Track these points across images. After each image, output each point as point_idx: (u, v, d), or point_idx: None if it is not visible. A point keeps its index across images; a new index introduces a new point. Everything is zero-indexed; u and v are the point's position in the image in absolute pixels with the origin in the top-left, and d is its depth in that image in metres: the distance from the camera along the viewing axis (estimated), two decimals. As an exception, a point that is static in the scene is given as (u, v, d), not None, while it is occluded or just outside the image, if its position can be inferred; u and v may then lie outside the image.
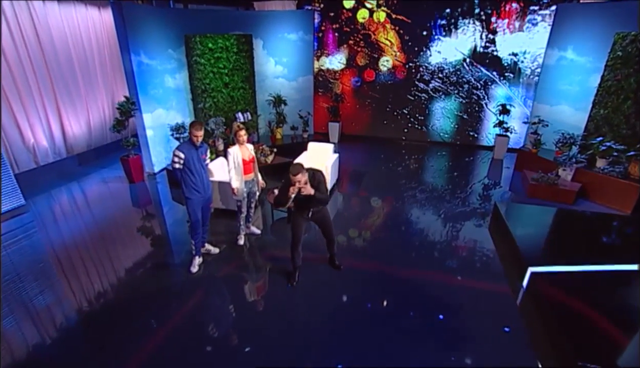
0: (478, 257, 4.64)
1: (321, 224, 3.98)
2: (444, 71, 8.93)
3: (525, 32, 8.06)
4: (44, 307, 3.77)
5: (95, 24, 7.90)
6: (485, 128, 9.16)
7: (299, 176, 3.35)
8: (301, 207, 3.74)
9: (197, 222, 4.28)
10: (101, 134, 8.30)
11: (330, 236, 4.11)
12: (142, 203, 6.49)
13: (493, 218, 5.50)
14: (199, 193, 4.17)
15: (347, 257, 4.55)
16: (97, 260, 4.67)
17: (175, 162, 4.00)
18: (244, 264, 4.60)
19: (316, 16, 9.12)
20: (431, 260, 4.58)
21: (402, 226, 5.40)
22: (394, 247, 4.85)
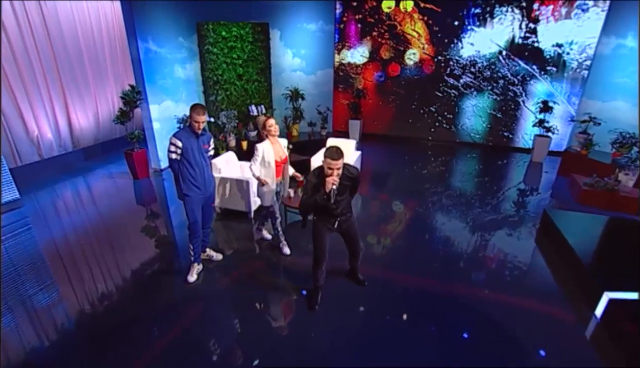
0: (522, 273, 3.85)
1: (347, 235, 3.22)
2: (476, 65, 8.12)
3: (573, 19, 7.17)
4: (17, 311, 3.25)
5: (107, 15, 7.57)
6: (522, 128, 8.26)
7: (341, 161, 2.58)
8: (326, 214, 2.96)
9: (196, 223, 3.69)
10: (109, 128, 7.94)
11: (356, 250, 3.35)
12: (145, 200, 5.99)
13: (542, 228, 4.68)
14: (198, 190, 3.58)
15: (368, 266, 3.85)
16: (84, 263, 4.15)
17: (171, 151, 3.42)
18: (251, 274, 3.95)
19: (338, 6, 8.51)
20: (469, 273, 3.82)
21: (427, 233, 4.65)
22: (425, 258, 4.11)
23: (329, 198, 2.69)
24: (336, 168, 2.57)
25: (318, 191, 2.75)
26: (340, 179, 2.71)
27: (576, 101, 7.58)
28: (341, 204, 2.90)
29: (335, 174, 2.59)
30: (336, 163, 2.55)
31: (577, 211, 4.99)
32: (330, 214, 2.95)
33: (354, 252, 3.39)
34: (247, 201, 5.00)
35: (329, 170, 2.59)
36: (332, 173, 2.59)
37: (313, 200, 2.75)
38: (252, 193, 4.96)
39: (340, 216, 2.96)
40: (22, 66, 6.11)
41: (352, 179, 2.80)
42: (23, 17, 6.00)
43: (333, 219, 2.98)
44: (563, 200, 5.70)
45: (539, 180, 6.74)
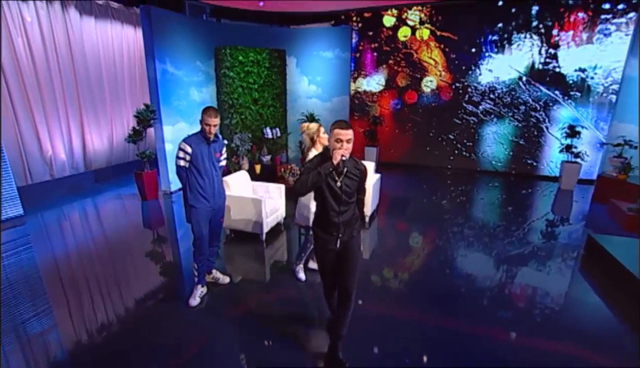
0: (564, 310, 3.31)
1: (344, 259, 2.42)
2: (496, 91, 7.95)
3: (596, 44, 7.01)
4: (6, 339, 2.88)
5: (129, 43, 7.80)
6: (546, 155, 7.87)
7: (351, 132, 2.16)
8: (330, 226, 2.35)
9: (203, 239, 3.36)
10: (123, 152, 7.90)
11: (348, 284, 2.41)
12: (152, 223, 5.70)
13: (587, 255, 4.16)
14: (206, 201, 3.29)
15: (383, 302, 3.37)
16: (83, 286, 3.80)
17: (179, 157, 3.17)
18: (261, 303, 3.49)
19: (354, 36, 8.63)
20: (496, 312, 3.31)
21: (448, 268, 4.10)
22: (446, 295, 3.62)
23: (337, 170, 2.18)
24: (346, 140, 2.12)
25: (332, 158, 2.17)
26: (348, 170, 2.27)
27: (604, 126, 7.22)
28: (349, 210, 2.34)
29: (344, 147, 2.13)
30: (346, 132, 2.12)
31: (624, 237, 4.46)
32: (334, 227, 2.33)
33: (344, 287, 2.43)
34: (259, 223, 4.66)
35: (338, 143, 2.13)
36: (341, 146, 2.13)
37: (316, 173, 2.16)
38: (265, 214, 4.63)
39: (345, 227, 2.34)
40: (44, 87, 6.19)
41: (361, 173, 2.34)
42: (50, 38, 6.18)
43: (336, 236, 2.35)
44: (601, 228, 5.16)
45: (570, 209, 6.22)
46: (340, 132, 2.13)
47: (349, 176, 2.29)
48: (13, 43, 5.65)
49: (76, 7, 6.53)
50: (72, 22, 6.51)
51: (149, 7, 5.68)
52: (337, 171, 2.20)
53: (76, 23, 6.59)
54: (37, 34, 5.98)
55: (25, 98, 5.94)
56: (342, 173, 2.23)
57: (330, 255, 2.45)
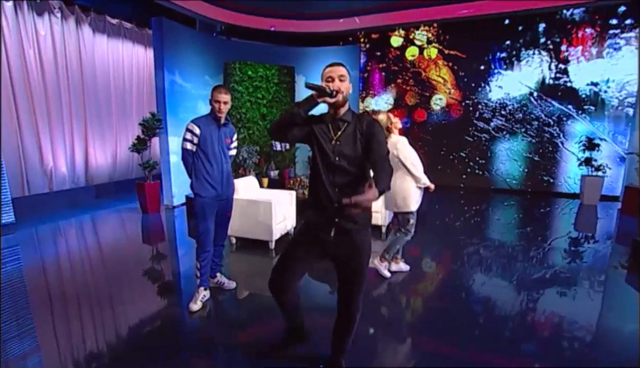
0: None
1: (345, 265, 1.86)
2: (507, 108, 7.84)
3: (606, 58, 6.98)
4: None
5: (139, 62, 7.88)
6: (563, 171, 7.58)
7: (343, 69, 1.78)
8: (321, 205, 1.80)
9: (207, 232, 3.00)
10: (126, 168, 7.69)
11: (350, 298, 1.91)
12: (152, 238, 5.30)
13: (634, 263, 3.72)
14: (214, 190, 2.97)
15: (393, 333, 2.90)
16: (70, 303, 3.39)
17: (186, 139, 2.90)
18: (272, 317, 2.99)
19: (361, 56, 8.72)
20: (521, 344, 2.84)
21: (464, 293, 3.58)
22: (463, 324, 3.17)
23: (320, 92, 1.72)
24: (337, 76, 1.74)
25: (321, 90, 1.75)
26: (345, 128, 1.78)
27: (622, 139, 7.00)
28: (349, 185, 1.74)
29: (336, 84, 1.74)
30: (337, 68, 1.77)
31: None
32: (324, 203, 1.77)
33: (346, 305, 1.92)
34: (268, 228, 4.29)
35: (329, 79, 1.76)
36: (332, 81, 1.75)
37: (293, 105, 1.80)
38: (274, 217, 4.28)
39: (341, 212, 1.67)
40: (51, 99, 6.11)
41: (369, 132, 1.74)
42: (61, 52, 6.19)
43: (332, 221, 1.76)
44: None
45: (596, 225, 5.79)
46: (331, 69, 1.76)
47: (349, 135, 1.76)
48: (24, 54, 5.65)
49: (90, 25, 6.63)
50: (85, 39, 6.59)
51: (161, 18, 5.73)
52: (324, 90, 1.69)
53: (89, 39, 6.66)
54: (49, 48, 6.00)
55: (31, 109, 5.84)
56: (333, 93, 1.70)
57: (317, 246, 1.87)
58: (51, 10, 5.92)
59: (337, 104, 1.76)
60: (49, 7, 5.89)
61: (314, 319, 2.57)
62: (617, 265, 4.05)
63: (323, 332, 2.25)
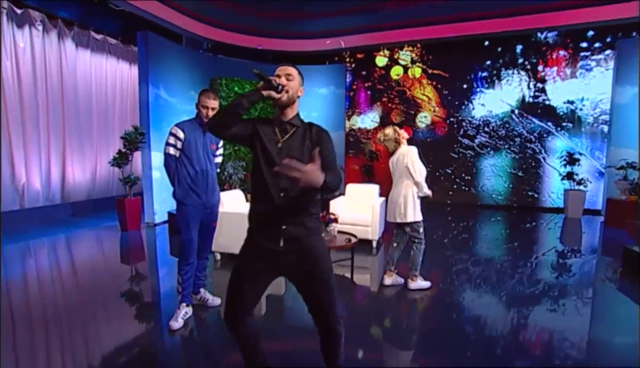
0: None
1: (304, 278, 1.68)
2: (490, 125, 8.04)
3: (580, 78, 7.31)
4: None
5: (123, 78, 7.76)
6: (547, 186, 7.74)
7: (295, 70, 1.70)
8: (266, 212, 1.62)
9: (190, 242, 2.81)
10: (106, 186, 7.39)
11: (324, 312, 1.69)
12: (131, 258, 4.99)
13: (627, 271, 3.72)
14: (198, 198, 2.80)
15: (383, 355, 2.71)
16: (37, 333, 3.09)
17: (169, 144, 2.76)
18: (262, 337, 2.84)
19: (347, 75, 8.87)
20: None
21: (455, 312, 3.36)
22: (454, 344, 3.06)
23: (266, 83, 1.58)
24: (284, 74, 1.65)
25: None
26: (293, 132, 1.67)
27: (600, 154, 7.24)
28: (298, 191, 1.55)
29: (283, 80, 1.64)
30: (284, 67, 1.70)
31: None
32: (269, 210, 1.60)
33: (324, 322, 1.71)
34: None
35: (277, 78, 1.66)
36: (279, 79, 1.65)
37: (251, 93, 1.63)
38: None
39: (291, 216, 1.59)
40: (27, 113, 5.88)
41: (317, 142, 1.64)
42: (41, 66, 6.03)
43: (278, 230, 1.59)
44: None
45: (581, 238, 5.84)
46: (279, 68, 1.70)
47: (297, 140, 1.64)
48: (0, 65, 5.45)
49: (73, 39, 6.52)
50: (67, 53, 6.45)
51: (146, 32, 5.68)
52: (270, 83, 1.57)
53: (71, 54, 6.53)
54: (28, 60, 5.83)
55: (5, 122, 5.58)
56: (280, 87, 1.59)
57: (264, 259, 1.65)
58: (32, 22, 5.80)
59: (282, 103, 1.63)
60: (30, 20, 5.76)
61: (304, 341, 2.38)
62: (611, 274, 4.04)
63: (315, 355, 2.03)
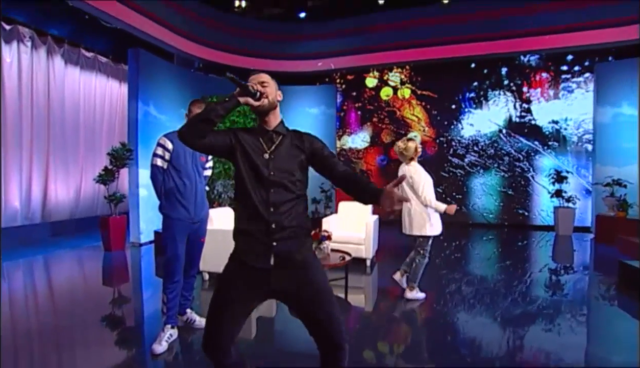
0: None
1: (300, 300, 1.51)
2: (479, 144, 8.17)
3: (562, 99, 7.56)
4: None
5: (112, 96, 7.70)
6: (536, 204, 7.81)
7: (267, 77, 1.57)
8: (253, 230, 1.45)
9: (177, 259, 2.64)
10: (90, 205, 7.14)
11: (329, 330, 1.48)
12: (114, 279, 4.74)
13: (622, 285, 3.68)
14: (185, 211, 2.65)
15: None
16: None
17: (157, 155, 2.64)
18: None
19: (338, 96, 8.99)
20: None
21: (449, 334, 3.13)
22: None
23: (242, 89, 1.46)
24: (258, 82, 1.52)
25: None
26: (280, 141, 1.52)
27: (586, 172, 7.39)
28: (288, 205, 1.45)
29: (260, 87, 1.51)
30: (257, 75, 1.57)
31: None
32: (257, 227, 1.44)
33: (329, 341, 1.49)
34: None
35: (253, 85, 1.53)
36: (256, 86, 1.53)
37: (226, 100, 1.50)
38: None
39: (281, 232, 1.43)
40: (9, 129, 5.71)
41: (315, 151, 1.54)
42: (27, 82, 5.93)
43: (263, 239, 1.43)
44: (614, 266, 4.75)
45: (574, 255, 5.84)
46: (252, 76, 1.56)
47: (286, 150, 1.51)
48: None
49: (62, 56, 6.47)
50: (56, 70, 6.38)
51: (138, 49, 5.68)
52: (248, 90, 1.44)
53: (59, 71, 6.46)
54: (14, 75, 5.73)
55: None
56: (258, 93, 1.46)
57: (251, 281, 1.46)
58: (21, 38, 5.74)
59: (263, 109, 1.50)
60: (19, 36, 5.71)
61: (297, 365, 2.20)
62: (609, 291, 3.99)
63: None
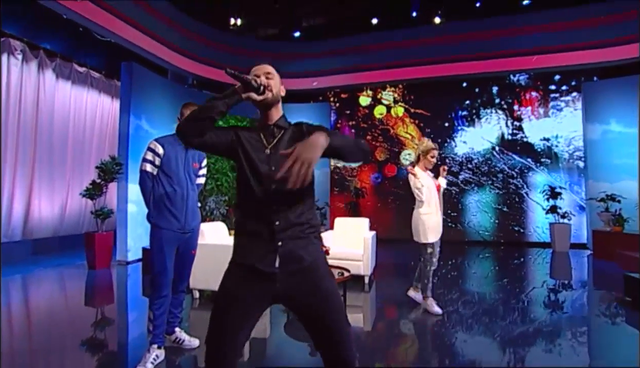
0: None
1: (307, 309, 1.36)
2: (472, 161, 8.21)
3: (552, 117, 7.70)
4: None
5: (104, 112, 7.58)
6: (531, 221, 7.78)
7: (268, 66, 1.48)
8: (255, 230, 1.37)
9: (165, 272, 2.45)
10: (76, 223, 6.86)
11: (341, 348, 1.33)
12: (97, 300, 4.45)
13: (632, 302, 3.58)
14: (175, 220, 2.47)
15: None
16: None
17: (147, 160, 2.48)
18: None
19: (332, 114, 9.03)
20: None
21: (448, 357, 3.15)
22: None
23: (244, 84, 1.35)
24: (263, 73, 1.44)
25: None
26: (282, 135, 1.46)
27: (578, 189, 7.44)
28: (291, 204, 1.35)
29: (263, 79, 1.42)
30: (262, 66, 1.48)
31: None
32: (259, 227, 1.35)
33: (336, 362, 1.34)
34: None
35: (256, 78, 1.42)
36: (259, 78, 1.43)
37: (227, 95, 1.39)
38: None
39: (285, 232, 1.33)
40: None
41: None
42: (16, 95, 5.79)
43: (270, 242, 1.33)
44: (614, 281, 4.69)
45: (575, 272, 5.75)
46: (255, 68, 1.47)
47: (287, 143, 1.42)
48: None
49: (54, 70, 6.39)
50: (46, 83, 6.27)
51: (131, 63, 5.63)
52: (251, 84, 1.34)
53: (50, 85, 6.35)
54: (2, 88, 5.60)
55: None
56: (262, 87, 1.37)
57: (254, 285, 1.34)
58: (12, 51, 5.65)
59: (267, 103, 1.42)
60: (10, 48, 5.62)
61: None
62: (617, 307, 3.88)
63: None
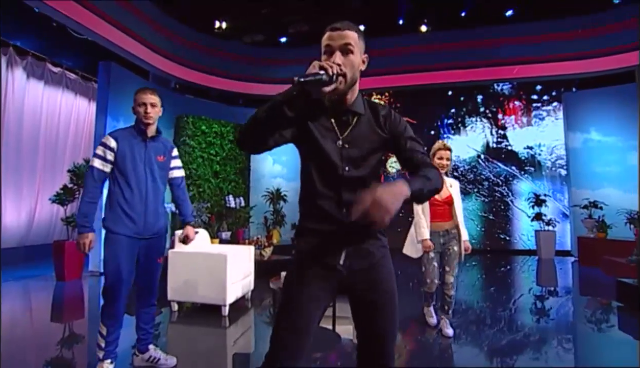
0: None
1: (366, 310, 1.24)
2: (459, 169, 8.22)
3: (535, 126, 7.84)
4: None
5: (80, 114, 7.23)
6: (517, 229, 7.83)
7: (348, 32, 1.16)
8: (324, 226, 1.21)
9: (119, 281, 2.14)
10: (45, 232, 6.43)
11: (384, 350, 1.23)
12: (65, 314, 4.08)
13: (627, 307, 3.55)
14: (132, 224, 2.18)
15: None
16: None
17: (97, 155, 2.16)
18: None
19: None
20: None
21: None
22: None
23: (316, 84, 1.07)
24: (339, 44, 1.15)
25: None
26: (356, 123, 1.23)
27: (561, 196, 7.55)
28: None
29: (338, 57, 1.15)
30: (340, 32, 1.16)
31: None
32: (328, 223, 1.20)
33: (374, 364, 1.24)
34: (221, 287, 3.52)
35: (327, 52, 1.18)
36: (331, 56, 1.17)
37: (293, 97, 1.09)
38: (229, 277, 3.55)
39: (355, 231, 1.18)
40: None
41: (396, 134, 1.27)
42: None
43: (338, 243, 1.21)
44: (600, 287, 4.73)
45: (555, 281, 5.76)
46: (330, 34, 1.16)
47: (364, 134, 1.22)
48: None
49: (24, 69, 6.03)
50: (15, 83, 5.90)
51: (109, 63, 5.37)
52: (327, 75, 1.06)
53: (20, 84, 5.99)
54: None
55: None
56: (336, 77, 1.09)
57: (321, 276, 1.21)
58: (-23, 48, 5.32)
59: (340, 91, 1.16)
60: (-25, 45, 5.29)
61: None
62: (611, 313, 3.85)
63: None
